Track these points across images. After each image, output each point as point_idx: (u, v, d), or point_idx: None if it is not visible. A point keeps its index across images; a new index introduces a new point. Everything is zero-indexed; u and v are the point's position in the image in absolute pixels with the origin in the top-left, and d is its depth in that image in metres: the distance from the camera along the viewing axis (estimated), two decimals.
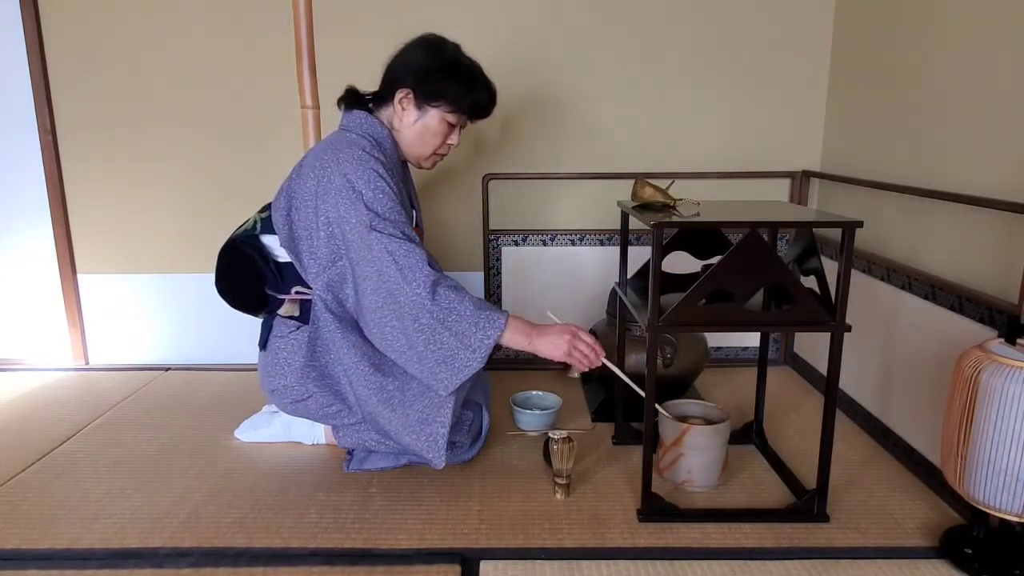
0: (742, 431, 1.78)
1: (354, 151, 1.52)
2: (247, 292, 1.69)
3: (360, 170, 1.49)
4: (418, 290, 1.45)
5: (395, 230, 1.48)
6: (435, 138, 1.62)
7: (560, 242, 2.34)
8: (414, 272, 1.45)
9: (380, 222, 1.47)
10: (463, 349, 1.46)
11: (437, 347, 1.46)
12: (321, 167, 1.52)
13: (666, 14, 2.21)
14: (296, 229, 1.58)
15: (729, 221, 1.38)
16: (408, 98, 1.58)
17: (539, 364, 2.40)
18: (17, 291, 2.42)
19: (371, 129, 1.60)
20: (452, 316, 1.45)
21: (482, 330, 1.45)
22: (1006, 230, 1.42)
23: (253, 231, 1.66)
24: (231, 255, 1.66)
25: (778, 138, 2.29)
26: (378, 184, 1.49)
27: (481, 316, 1.46)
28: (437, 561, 1.31)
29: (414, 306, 1.45)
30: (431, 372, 1.49)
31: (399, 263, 1.46)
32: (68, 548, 1.36)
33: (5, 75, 2.25)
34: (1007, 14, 1.42)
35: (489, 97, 1.63)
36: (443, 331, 1.45)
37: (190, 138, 2.29)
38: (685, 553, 1.33)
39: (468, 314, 1.46)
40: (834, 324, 1.35)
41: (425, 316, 1.45)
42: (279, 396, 1.66)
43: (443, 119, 1.60)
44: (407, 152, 1.66)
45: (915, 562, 1.30)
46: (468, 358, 1.46)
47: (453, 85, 1.57)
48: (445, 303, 1.45)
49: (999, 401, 1.13)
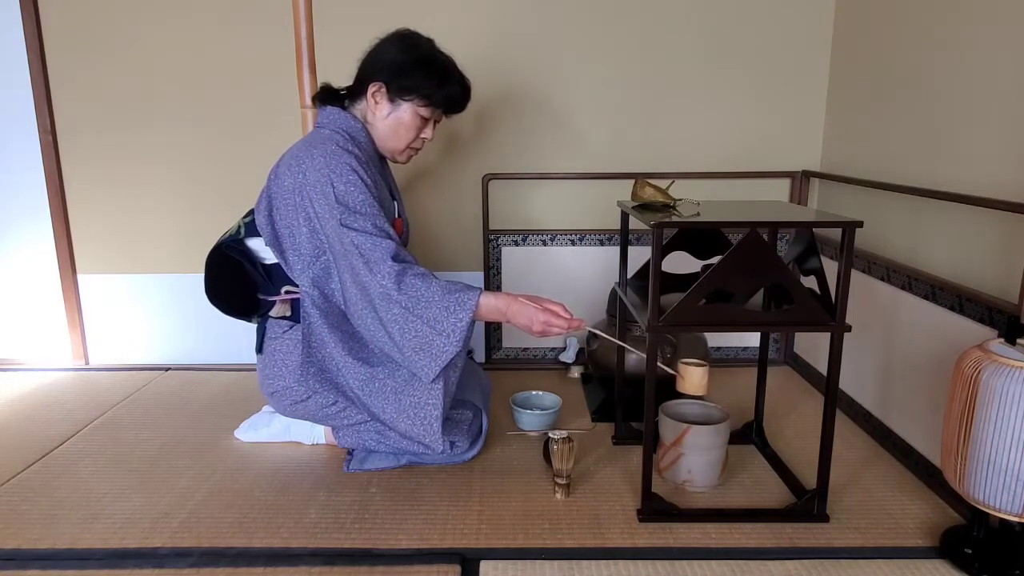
0: (742, 431, 1.78)
1: (327, 146, 1.53)
2: (238, 296, 1.70)
3: (333, 164, 1.50)
4: (384, 281, 1.46)
5: (365, 223, 1.49)
6: (408, 132, 1.63)
7: (560, 242, 2.34)
8: (379, 264, 1.46)
9: (350, 216, 1.48)
10: (437, 335, 1.46)
11: (411, 336, 1.47)
12: (297, 165, 1.54)
13: (667, 14, 2.21)
14: (278, 228, 1.59)
15: (729, 221, 1.38)
16: (381, 92, 1.59)
17: (539, 364, 2.41)
18: (17, 291, 2.42)
19: (344, 124, 1.61)
20: (421, 304, 1.46)
21: (453, 314, 1.45)
22: (1006, 230, 1.42)
23: (238, 235, 1.67)
24: (218, 261, 1.68)
25: (778, 138, 2.29)
26: (350, 178, 1.50)
27: (451, 300, 1.46)
28: (437, 561, 1.31)
29: (383, 298, 1.46)
30: (411, 360, 1.50)
31: (365, 256, 1.47)
32: (68, 548, 1.36)
33: (5, 75, 2.25)
34: (1007, 14, 1.42)
35: (462, 91, 1.63)
36: (414, 320, 1.46)
37: (190, 138, 2.29)
38: (685, 553, 1.33)
39: (437, 300, 1.46)
40: (834, 324, 1.34)
41: (395, 307, 1.46)
42: (279, 398, 1.66)
43: (416, 113, 1.61)
44: (381, 146, 1.67)
45: (915, 562, 1.29)
46: (443, 343, 1.46)
47: (425, 79, 1.57)
48: (412, 292, 1.46)
49: (999, 401, 1.13)
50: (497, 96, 2.25)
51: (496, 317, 1.50)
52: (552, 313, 1.47)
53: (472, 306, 1.46)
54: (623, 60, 2.24)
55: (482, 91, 2.25)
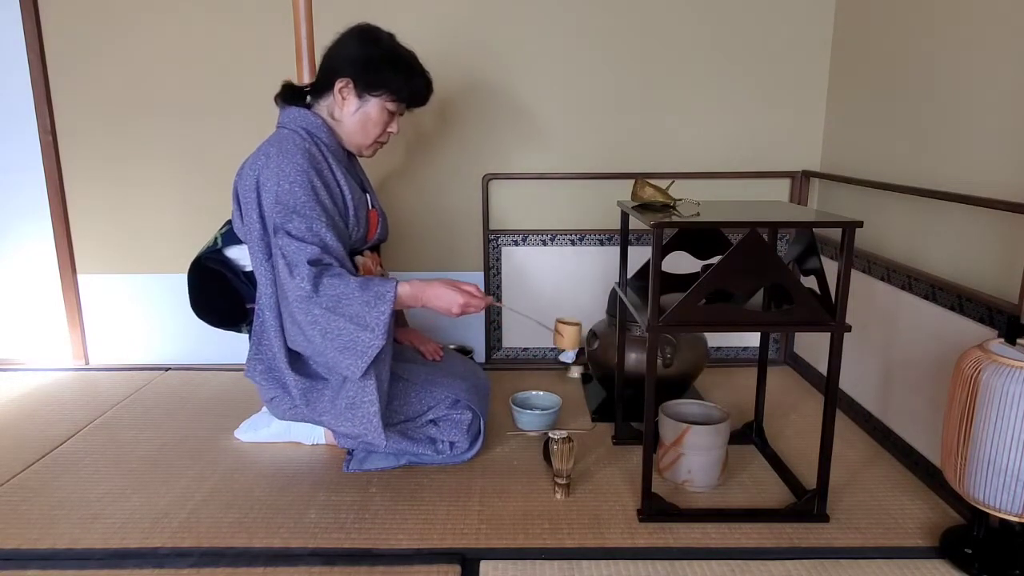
0: (742, 431, 1.78)
1: (283, 145, 1.53)
2: (225, 308, 1.70)
3: (283, 164, 1.50)
4: (302, 284, 1.45)
5: (300, 225, 1.48)
6: (376, 127, 1.64)
7: (560, 242, 2.34)
8: (298, 267, 1.46)
9: (287, 216, 1.48)
10: (361, 331, 1.47)
11: (335, 336, 1.47)
12: (253, 163, 1.55)
13: (667, 14, 2.21)
14: (249, 227, 1.58)
15: (729, 221, 1.38)
16: (348, 87, 1.59)
17: (539, 364, 2.41)
18: (17, 291, 2.42)
19: (304, 122, 1.60)
20: (342, 303, 1.46)
21: (375, 308, 1.46)
22: (1006, 230, 1.42)
23: (215, 247, 1.68)
24: (200, 274, 1.68)
25: (778, 138, 2.29)
26: (296, 178, 1.50)
27: (370, 295, 1.47)
28: (437, 561, 1.31)
29: (301, 300, 1.46)
30: (336, 361, 1.50)
31: (287, 259, 1.48)
32: (68, 548, 1.36)
33: (5, 75, 2.25)
34: (1007, 14, 1.42)
35: (426, 85, 1.65)
36: (337, 319, 1.46)
37: (190, 138, 2.29)
38: (685, 553, 1.33)
39: (356, 296, 1.46)
40: (834, 324, 1.34)
41: (315, 308, 1.46)
42: (276, 404, 1.66)
43: (383, 107, 1.62)
44: (348, 141, 1.66)
45: (915, 562, 1.30)
46: (368, 339, 1.47)
47: (393, 74, 1.59)
48: (331, 291, 1.46)
49: (999, 401, 1.13)
50: (497, 96, 2.25)
51: (414, 303, 1.54)
52: (468, 294, 1.53)
53: (391, 297, 1.47)
54: (623, 60, 2.24)
55: (483, 91, 2.25)
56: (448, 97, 2.23)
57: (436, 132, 2.28)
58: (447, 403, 1.67)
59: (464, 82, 2.22)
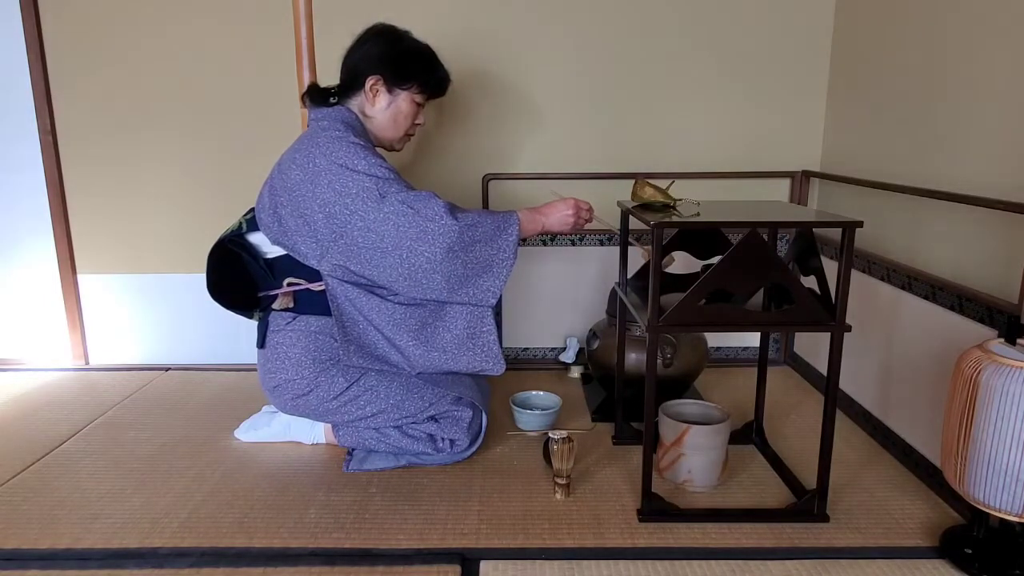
0: (742, 431, 1.78)
1: (331, 134, 1.58)
2: (240, 290, 1.71)
3: (344, 147, 1.55)
4: (444, 219, 1.50)
5: (400, 185, 1.55)
6: (406, 120, 1.71)
7: (560, 242, 2.34)
8: (432, 209, 1.51)
9: (385, 184, 1.53)
10: (497, 252, 1.55)
11: (475, 261, 1.54)
12: (303, 158, 1.57)
13: (666, 14, 2.21)
14: (286, 222, 1.60)
15: (729, 221, 1.38)
16: (379, 84, 1.65)
17: (539, 364, 2.41)
18: (17, 291, 2.42)
19: (340, 116, 1.64)
20: (479, 228, 1.54)
21: (504, 231, 1.56)
22: (1006, 230, 1.42)
23: (240, 231, 1.69)
24: (221, 256, 1.69)
25: (778, 138, 2.29)
26: (364, 154, 1.55)
27: (498, 219, 1.56)
28: (437, 561, 1.31)
29: (446, 235, 1.50)
30: (476, 287, 1.56)
31: (415, 208, 1.51)
32: (68, 548, 1.36)
33: (5, 76, 2.25)
34: (1007, 14, 1.42)
35: (446, 75, 1.74)
36: (475, 244, 1.53)
37: (190, 138, 2.29)
38: (685, 553, 1.33)
39: (488, 221, 1.55)
40: (834, 324, 1.34)
41: (457, 239, 1.51)
42: (281, 392, 1.66)
43: (412, 100, 1.69)
44: (379, 137, 1.72)
45: (915, 562, 1.30)
46: (503, 259, 1.56)
47: (420, 67, 1.68)
48: (468, 220, 1.53)
49: (999, 401, 1.13)
50: (497, 96, 2.25)
51: (535, 228, 1.61)
52: (577, 208, 1.63)
53: (516, 220, 1.57)
54: (623, 60, 2.24)
55: (483, 91, 2.25)
56: (448, 97, 2.22)
57: (436, 132, 2.28)
58: (449, 399, 1.68)
59: (464, 82, 2.22)
